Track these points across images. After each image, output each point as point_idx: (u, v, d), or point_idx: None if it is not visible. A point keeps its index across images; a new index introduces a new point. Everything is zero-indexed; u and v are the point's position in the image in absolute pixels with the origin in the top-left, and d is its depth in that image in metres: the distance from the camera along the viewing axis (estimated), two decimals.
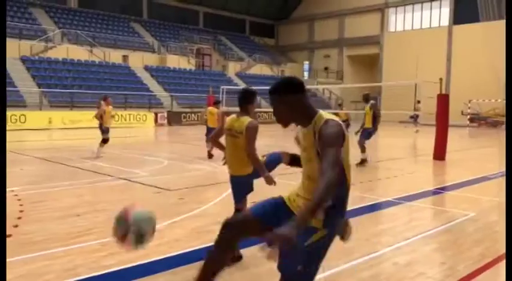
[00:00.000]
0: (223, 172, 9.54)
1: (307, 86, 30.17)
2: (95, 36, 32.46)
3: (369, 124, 11.37)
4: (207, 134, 12.10)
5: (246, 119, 4.35)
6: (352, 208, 6.51)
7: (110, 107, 12.26)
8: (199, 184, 8.34)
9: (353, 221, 5.88)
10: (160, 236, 4.98)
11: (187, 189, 7.88)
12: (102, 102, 12.22)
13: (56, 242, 4.73)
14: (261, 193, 4.12)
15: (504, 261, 4.42)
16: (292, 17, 48.29)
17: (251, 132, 4.27)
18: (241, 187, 4.48)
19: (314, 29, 46.33)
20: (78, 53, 29.88)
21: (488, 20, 32.49)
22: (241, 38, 46.60)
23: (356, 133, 11.46)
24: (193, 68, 36.79)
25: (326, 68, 44.43)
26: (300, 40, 47.39)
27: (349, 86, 40.40)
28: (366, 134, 11.36)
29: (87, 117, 20.01)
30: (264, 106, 34.75)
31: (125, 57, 32.41)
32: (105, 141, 12.12)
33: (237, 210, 4.45)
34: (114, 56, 31.80)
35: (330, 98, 41.61)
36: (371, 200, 7.17)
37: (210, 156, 11.69)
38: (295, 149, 3.16)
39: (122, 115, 25.20)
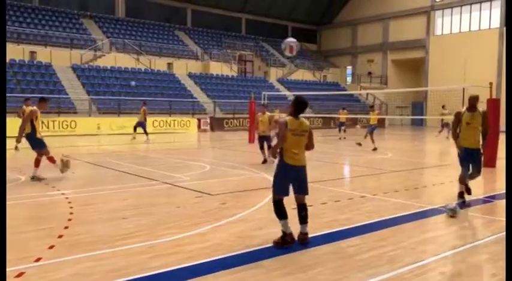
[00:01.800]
0: (264, 178, 9.59)
1: (350, 91, 30.00)
2: (141, 44, 33.49)
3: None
4: (260, 142, 12.21)
5: (306, 121, 5.17)
6: (396, 215, 6.39)
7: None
8: (241, 189, 8.39)
9: (398, 229, 5.77)
10: (204, 240, 5.06)
11: (229, 194, 7.95)
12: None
13: (103, 243, 4.90)
14: None
15: None
16: (335, 22, 47.91)
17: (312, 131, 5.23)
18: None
19: (357, 33, 45.74)
20: (125, 61, 30.91)
21: None
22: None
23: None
24: (235, 74, 37.17)
25: (369, 73, 43.70)
26: (343, 45, 46.91)
27: (393, 91, 39.57)
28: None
29: (133, 123, 20.61)
30: (307, 112, 34.55)
31: (169, 65, 33.22)
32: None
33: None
34: (159, 64, 32.66)
35: (374, 103, 40.82)
36: (417, 207, 6.97)
37: (265, 161, 11.80)
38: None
39: (166, 121, 25.80)
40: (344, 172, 11.82)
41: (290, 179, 5.03)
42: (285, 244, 4.83)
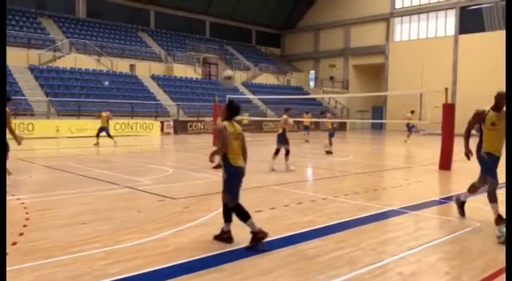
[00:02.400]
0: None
1: (313, 95, 30.43)
2: (102, 45, 32.78)
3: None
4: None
5: (238, 125, 5.31)
6: (357, 217, 6.53)
7: None
8: (204, 193, 8.35)
9: (358, 230, 5.91)
10: (165, 245, 5.01)
11: (192, 198, 7.90)
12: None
13: (61, 250, 4.76)
14: None
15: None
16: (298, 27, 48.55)
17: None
18: None
19: (320, 38, 46.53)
20: (86, 62, 30.17)
21: (493, 29, 32.47)
22: (247, 47, 46.88)
23: None
24: (199, 77, 37.00)
25: (332, 78, 44.52)
26: (306, 49, 47.59)
27: (354, 95, 40.52)
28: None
29: (93, 126, 20.14)
30: (270, 115, 34.84)
31: (132, 67, 32.68)
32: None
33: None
34: (122, 65, 32.07)
35: (336, 107, 41.63)
36: (376, 209, 7.15)
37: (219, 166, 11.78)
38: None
39: (128, 124, 25.34)
40: (307, 175, 11.98)
41: (240, 182, 5.20)
42: (258, 240, 4.89)
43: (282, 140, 11.77)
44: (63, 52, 30.52)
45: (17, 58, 27.06)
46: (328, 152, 16.39)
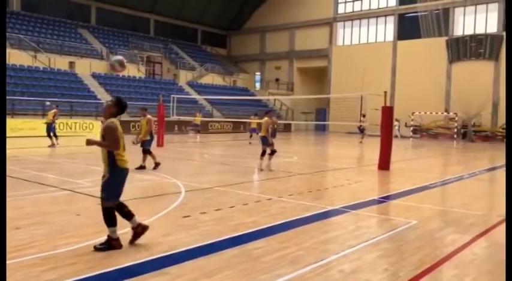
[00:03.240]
0: (172, 183, 9.44)
1: (259, 97, 30.42)
2: (39, 41, 31.21)
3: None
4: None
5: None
6: (300, 217, 6.66)
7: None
8: (148, 195, 8.18)
9: (301, 230, 6.02)
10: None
11: (135, 200, 7.71)
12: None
13: None
14: None
15: (441, 266, 4.66)
16: (245, 28, 48.76)
17: None
18: None
19: (265, 40, 46.99)
20: (21, 58, 28.60)
21: (428, 36, 34.28)
22: (193, 47, 46.45)
23: None
24: (143, 76, 36.19)
25: (277, 80, 45.11)
26: (252, 51, 47.90)
27: (299, 97, 41.33)
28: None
29: (29, 125, 19.12)
30: (217, 116, 34.73)
31: (71, 64, 31.38)
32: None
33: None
34: (60, 62, 30.69)
35: (281, 109, 42.21)
36: (319, 208, 7.32)
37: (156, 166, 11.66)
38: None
39: (67, 123, 24.31)
40: (252, 176, 12.05)
41: (124, 183, 5.08)
42: (112, 248, 4.80)
43: (265, 141, 12.18)
44: None
45: None
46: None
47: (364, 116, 23.89)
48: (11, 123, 22.36)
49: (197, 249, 4.94)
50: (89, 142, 4.98)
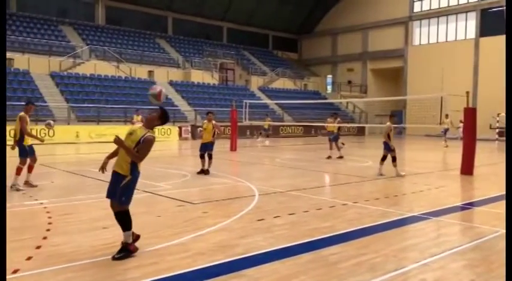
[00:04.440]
0: (246, 187, 9.58)
1: (330, 100, 29.81)
2: (121, 52, 33.24)
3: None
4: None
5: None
6: (378, 223, 6.45)
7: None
8: (223, 198, 8.36)
9: (379, 236, 5.83)
10: (185, 250, 5.02)
11: (211, 203, 7.92)
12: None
13: (83, 254, 4.81)
14: None
15: None
16: (315, 31, 48.46)
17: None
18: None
19: (337, 42, 46.35)
20: (105, 68, 30.62)
21: None
22: (264, 52, 46.97)
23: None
24: (216, 82, 37.19)
25: (349, 82, 44.26)
26: (323, 54, 47.44)
27: (373, 99, 40.17)
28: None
29: (112, 131, 20.37)
30: (287, 120, 34.78)
31: (150, 73, 33.03)
32: None
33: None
34: (140, 72, 32.45)
35: (354, 112, 41.34)
36: (397, 215, 7.05)
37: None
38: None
39: None
40: (325, 180, 11.90)
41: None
42: (131, 253, 4.76)
43: (387, 146, 12.21)
44: (83, 59, 31.03)
45: (39, 65, 27.63)
46: (339, 157, 16.31)
47: (447, 116, 22.65)
48: (97, 129, 23.98)
49: (272, 252, 4.96)
50: (117, 142, 4.80)
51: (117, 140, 4.77)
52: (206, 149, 11.73)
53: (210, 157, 11.72)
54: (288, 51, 49.94)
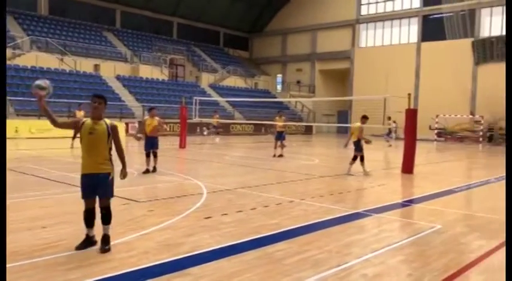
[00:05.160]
0: (194, 184, 9.50)
1: (280, 99, 30.17)
2: (65, 44, 31.90)
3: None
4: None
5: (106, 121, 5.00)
6: (322, 219, 6.60)
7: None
8: (170, 196, 8.25)
9: (323, 233, 5.97)
10: (130, 249, 4.91)
11: (157, 201, 7.79)
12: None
13: (21, 255, 4.58)
14: None
15: (467, 272, 4.55)
16: (266, 30, 48.82)
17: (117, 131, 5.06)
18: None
19: (287, 42, 46.95)
20: (48, 61, 29.28)
21: (454, 38, 33.67)
22: (215, 49, 46.76)
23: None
24: (166, 78, 36.60)
25: (298, 82, 45.00)
26: (274, 53, 47.91)
27: (320, 99, 41.11)
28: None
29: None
30: (238, 118, 34.85)
31: (96, 66, 31.95)
32: None
33: None
34: (85, 65, 31.30)
35: (302, 111, 42.07)
36: (341, 211, 7.25)
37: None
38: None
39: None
40: (273, 178, 12.03)
41: None
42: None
43: (358, 146, 12.44)
44: (24, 50, 29.50)
45: None
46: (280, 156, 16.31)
47: (389, 118, 23.57)
48: (38, 124, 22.91)
49: (218, 250, 4.95)
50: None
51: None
52: (152, 147, 11.43)
53: (155, 155, 11.46)
54: (239, 49, 50.00)
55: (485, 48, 33.43)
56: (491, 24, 33.80)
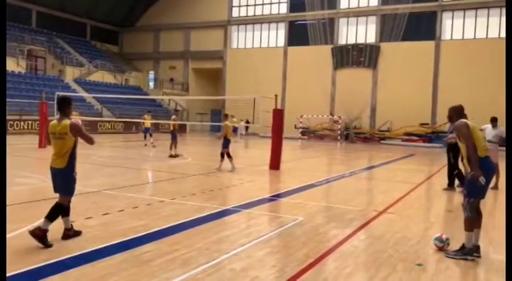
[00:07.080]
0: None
1: (153, 97, 29.56)
2: None
3: None
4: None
5: (67, 121, 5.21)
6: (192, 218, 6.65)
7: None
8: (26, 200, 7.54)
9: (193, 231, 6.01)
10: None
11: (12, 206, 7.06)
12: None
13: None
14: None
15: (324, 260, 4.97)
16: (138, 25, 47.21)
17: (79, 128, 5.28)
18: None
19: (160, 39, 46.01)
20: None
21: (316, 43, 36.38)
22: (81, 42, 43.82)
23: None
24: (23, 71, 33.23)
25: (172, 79, 44.45)
26: (146, 49, 46.56)
27: (194, 98, 41.20)
28: None
29: None
30: (107, 116, 33.14)
31: None
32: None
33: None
34: None
35: (176, 109, 41.63)
36: (212, 209, 7.37)
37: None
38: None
39: None
40: (145, 178, 11.72)
41: None
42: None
43: (226, 144, 12.79)
44: None
45: None
46: (174, 156, 16.17)
47: (233, 116, 25.06)
48: None
49: (81, 256, 4.68)
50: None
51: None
52: None
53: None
54: (108, 43, 47.57)
55: (342, 54, 36.79)
56: (348, 33, 37.28)
